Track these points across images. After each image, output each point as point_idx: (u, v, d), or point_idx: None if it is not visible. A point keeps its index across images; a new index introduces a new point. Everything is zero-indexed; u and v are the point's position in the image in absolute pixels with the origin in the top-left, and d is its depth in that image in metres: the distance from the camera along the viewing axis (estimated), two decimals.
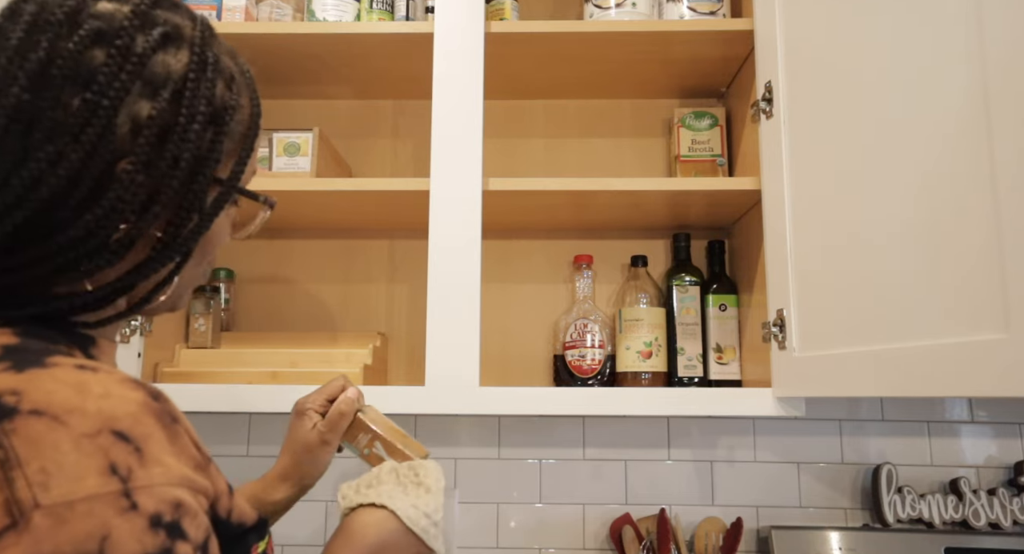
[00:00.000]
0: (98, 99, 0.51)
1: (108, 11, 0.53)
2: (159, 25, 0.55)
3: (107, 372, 0.48)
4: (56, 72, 0.50)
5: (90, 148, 0.51)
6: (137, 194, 0.53)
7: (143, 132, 0.52)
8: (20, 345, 0.50)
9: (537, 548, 1.35)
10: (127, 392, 0.47)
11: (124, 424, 0.45)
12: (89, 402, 0.45)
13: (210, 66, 0.57)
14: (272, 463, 0.91)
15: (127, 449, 0.44)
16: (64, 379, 0.46)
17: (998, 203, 0.70)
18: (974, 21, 0.73)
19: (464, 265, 1.11)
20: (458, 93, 1.16)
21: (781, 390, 1.07)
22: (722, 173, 1.32)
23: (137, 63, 0.52)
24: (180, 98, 0.54)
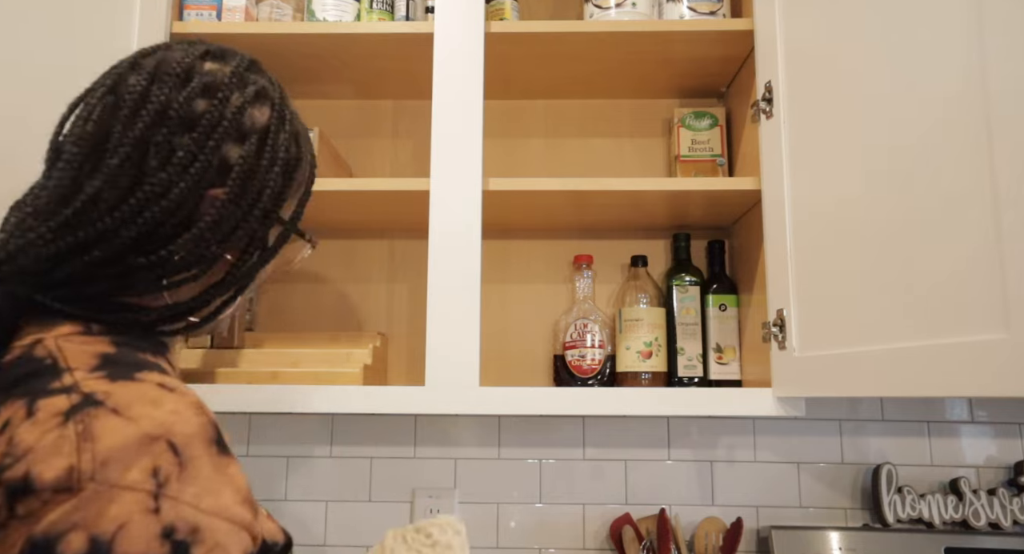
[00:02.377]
0: (204, 140, 0.62)
1: (213, 70, 0.66)
2: (251, 84, 0.67)
3: (183, 394, 0.54)
4: (172, 114, 0.61)
5: (194, 180, 0.61)
6: (225, 222, 0.63)
7: (233, 170, 0.63)
8: (115, 355, 0.57)
9: (537, 548, 1.35)
10: (193, 416, 0.53)
11: (179, 439, 0.51)
12: (159, 413, 0.51)
13: (287, 122, 0.69)
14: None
15: (174, 460, 0.50)
16: (146, 393, 0.53)
17: (998, 203, 0.70)
18: (974, 20, 0.73)
19: (464, 265, 1.11)
20: (458, 93, 1.16)
21: (781, 390, 1.07)
22: (722, 173, 1.32)
23: (235, 113, 0.64)
24: (264, 146, 0.66)
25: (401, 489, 1.37)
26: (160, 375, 0.56)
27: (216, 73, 0.65)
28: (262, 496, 1.37)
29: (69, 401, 0.51)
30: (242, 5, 1.26)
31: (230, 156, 0.64)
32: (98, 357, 0.56)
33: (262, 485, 1.37)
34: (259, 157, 0.65)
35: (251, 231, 0.66)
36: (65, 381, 0.53)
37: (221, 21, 1.25)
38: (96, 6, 1.09)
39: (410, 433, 1.39)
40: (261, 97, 0.67)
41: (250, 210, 0.65)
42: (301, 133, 0.72)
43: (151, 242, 0.61)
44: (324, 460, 1.38)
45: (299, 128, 0.72)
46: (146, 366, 0.57)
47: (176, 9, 1.26)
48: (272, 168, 0.66)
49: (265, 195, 0.66)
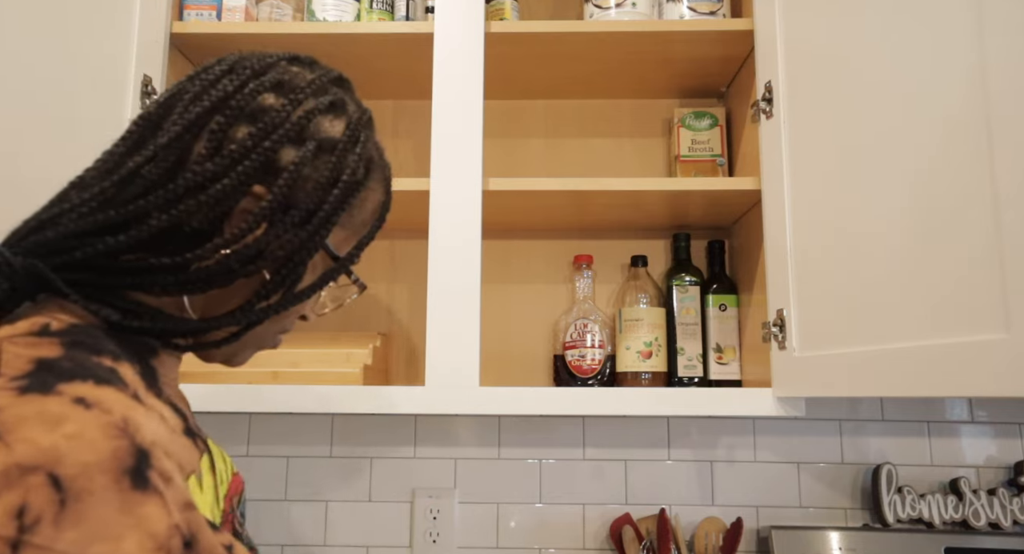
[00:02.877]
0: (261, 138, 0.56)
1: (294, 70, 0.61)
2: (330, 95, 0.61)
3: (104, 411, 0.44)
4: (234, 103, 0.57)
5: (240, 178, 0.56)
6: (263, 232, 0.57)
7: (283, 173, 0.57)
8: (57, 360, 0.48)
9: (537, 548, 1.35)
10: (100, 440, 0.43)
11: (67, 471, 0.41)
12: (49, 437, 0.42)
13: (360, 144, 0.62)
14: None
15: (51, 497, 0.40)
16: (47, 409, 0.43)
17: (998, 203, 0.70)
18: (974, 20, 0.73)
19: (464, 265, 1.11)
20: (458, 93, 1.16)
21: (781, 390, 1.07)
22: (722, 173, 1.32)
23: (303, 117, 0.58)
24: (324, 157, 0.59)
25: (401, 489, 1.37)
26: (93, 386, 0.46)
27: (296, 75, 0.61)
28: (262, 496, 1.37)
29: None
30: (242, 5, 1.26)
31: (283, 158, 0.58)
32: (33, 363, 0.47)
33: (262, 485, 1.37)
34: (316, 168, 0.59)
35: (290, 250, 0.58)
36: None
37: (221, 21, 1.25)
38: (96, 6, 1.09)
39: (410, 433, 1.39)
40: (337, 109, 0.62)
41: (293, 226, 0.58)
42: (377, 164, 0.65)
43: (179, 240, 0.56)
44: (324, 460, 1.38)
45: (376, 158, 0.65)
46: (81, 375, 0.47)
47: (176, 9, 1.26)
48: (330, 187, 0.59)
49: (316, 215, 0.59)
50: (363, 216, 0.64)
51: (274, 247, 0.58)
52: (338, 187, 0.60)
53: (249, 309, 0.59)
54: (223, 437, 1.39)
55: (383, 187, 0.67)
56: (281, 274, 0.59)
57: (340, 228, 0.63)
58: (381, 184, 0.66)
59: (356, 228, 0.65)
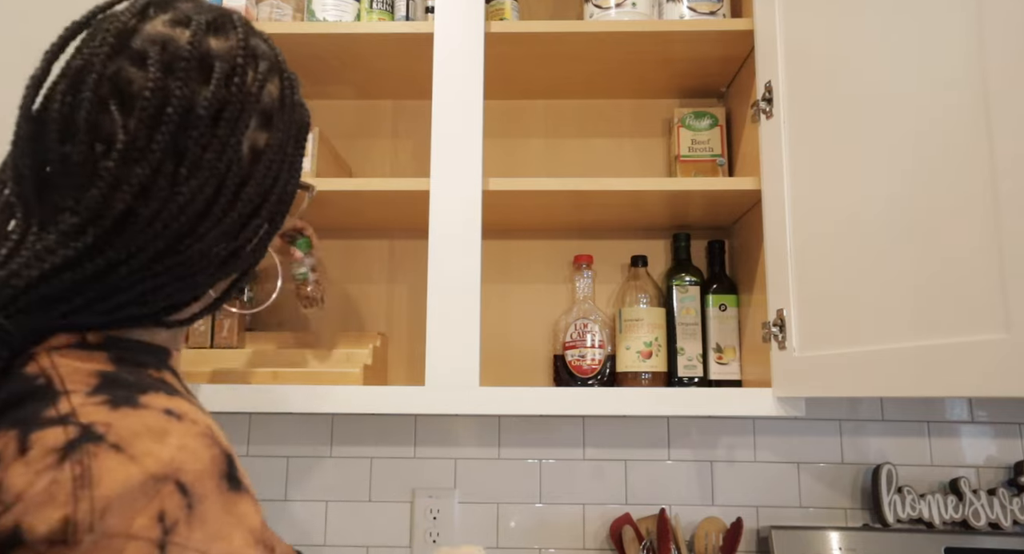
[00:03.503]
0: (228, 135, 0.56)
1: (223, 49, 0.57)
2: (260, 57, 0.60)
3: (192, 422, 0.50)
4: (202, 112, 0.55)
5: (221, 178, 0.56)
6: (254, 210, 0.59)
7: (262, 159, 0.59)
8: (116, 373, 0.51)
9: (537, 548, 1.35)
10: (203, 449, 0.49)
11: (188, 478, 0.47)
12: (165, 449, 0.47)
13: (294, 85, 0.63)
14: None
15: (181, 503, 0.46)
16: (149, 424, 0.48)
17: (998, 203, 0.70)
18: (975, 20, 0.73)
19: (464, 265, 1.11)
20: (458, 93, 1.16)
21: (781, 390, 1.07)
22: (722, 173, 1.32)
23: (255, 98, 0.58)
24: (283, 121, 0.60)
25: (401, 489, 1.37)
26: (167, 398, 0.51)
27: (228, 53, 0.57)
28: (262, 496, 1.37)
29: (66, 435, 0.45)
30: (242, 5, 1.26)
31: (258, 144, 0.59)
32: (97, 376, 0.50)
33: (262, 485, 1.37)
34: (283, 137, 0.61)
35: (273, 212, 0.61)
36: (61, 408, 0.47)
37: None
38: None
39: (410, 433, 1.39)
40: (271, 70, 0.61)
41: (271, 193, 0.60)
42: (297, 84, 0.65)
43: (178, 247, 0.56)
44: (324, 460, 1.38)
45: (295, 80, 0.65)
46: (151, 387, 0.51)
47: None
48: (291, 144, 0.62)
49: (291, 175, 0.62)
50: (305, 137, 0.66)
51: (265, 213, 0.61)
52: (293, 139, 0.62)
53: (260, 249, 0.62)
54: None
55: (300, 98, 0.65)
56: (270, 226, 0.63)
57: None
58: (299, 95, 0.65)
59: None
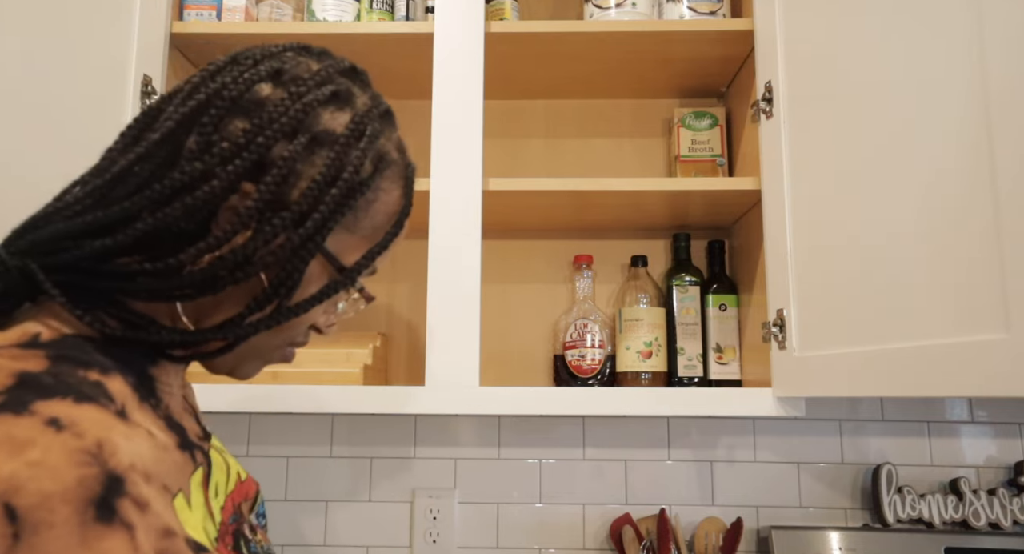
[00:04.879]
0: (255, 134, 0.52)
1: (299, 60, 0.56)
2: (335, 85, 0.56)
3: (75, 435, 0.41)
4: (227, 94, 0.53)
5: (230, 178, 0.52)
6: (251, 233, 0.52)
7: (272, 169, 0.52)
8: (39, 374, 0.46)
9: (537, 548, 1.35)
10: (64, 468, 0.40)
11: (24, 501, 0.38)
12: (9, 463, 0.39)
13: (366, 138, 0.56)
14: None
15: (4, 531, 0.37)
16: (14, 433, 0.41)
17: (998, 203, 0.70)
18: (975, 21, 0.73)
19: (464, 265, 1.11)
20: (458, 93, 1.16)
21: (781, 390, 1.07)
22: (722, 173, 1.32)
23: (301, 110, 0.53)
24: (320, 151, 0.54)
25: (401, 489, 1.37)
26: (72, 404, 0.43)
27: (299, 64, 0.56)
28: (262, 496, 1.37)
29: None
30: (242, 5, 1.26)
31: (274, 151, 0.53)
32: (15, 377, 0.45)
33: (262, 485, 1.37)
34: (312, 164, 0.54)
35: (282, 256, 0.53)
36: None
37: (221, 21, 1.25)
38: (96, 6, 1.09)
39: (410, 433, 1.39)
40: (341, 101, 0.56)
41: (284, 228, 0.53)
42: (392, 161, 0.59)
43: (169, 243, 0.52)
44: (324, 460, 1.38)
45: (391, 155, 0.59)
46: (62, 391, 0.44)
47: (176, 9, 1.26)
48: (328, 186, 0.54)
49: (310, 217, 0.53)
50: (374, 221, 0.58)
51: (263, 252, 0.53)
52: (337, 186, 0.54)
53: (239, 322, 0.54)
54: (223, 437, 1.39)
55: (400, 188, 0.60)
56: (275, 284, 0.54)
57: (346, 233, 0.57)
58: (398, 185, 0.60)
59: (366, 234, 0.58)
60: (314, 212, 0.54)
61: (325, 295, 0.57)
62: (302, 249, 0.54)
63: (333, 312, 0.63)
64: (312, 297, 0.56)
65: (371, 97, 0.59)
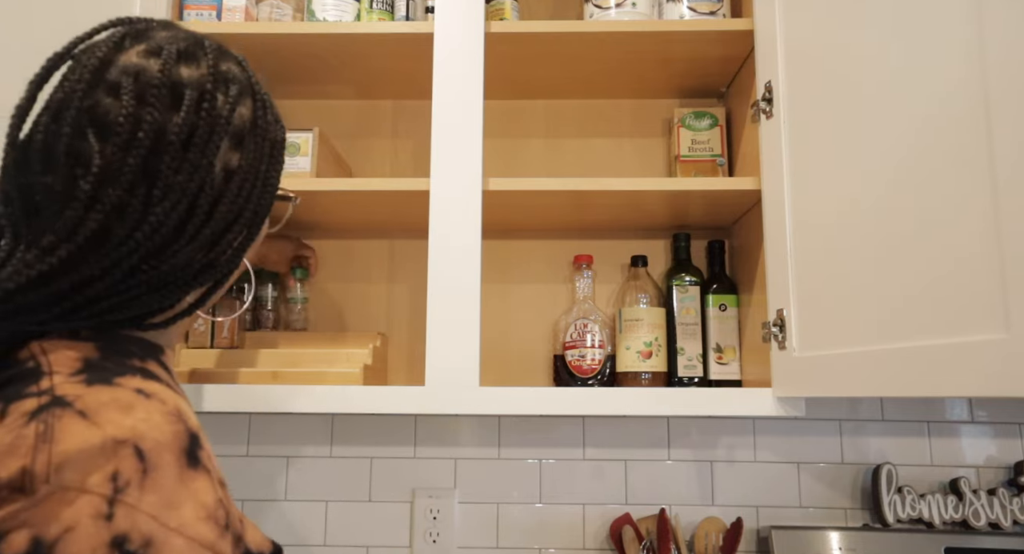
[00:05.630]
0: (199, 158, 0.59)
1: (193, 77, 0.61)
2: (231, 81, 0.63)
3: (161, 401, 0.53)
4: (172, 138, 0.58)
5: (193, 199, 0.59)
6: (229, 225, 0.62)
7: (234, 178, 0.62)
8: (99, 359, 0.56)
9: (537, 548, 1.35)
10: (165, 424, 0.52)
11: (147, 446, 0.49)
12: (128, 419, 0.50)
13: (267, 105, 0.67)
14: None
15: (137, 466, 0.48)
16: (118, 397, 0.52)
17: (998, 203, 0.70)
18: (974, 20, 0.73)
19: (464, 265, 1.11)
20: (458, 93, 1.16)
21: (781, 390, 1.07)
22: (722, 173, 1.32)
23: (225, 121, 0.61)
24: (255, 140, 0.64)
25: (401, 489, 1.37)
26: (143, 380, 0.55)
27: (198, 80, 0.61)
28: (262, 496, 1.37)
29: (38, 402, 0.50)
30: (242, 5, 1.26)
31: (230, 164, 0.62)
32: (81, 361, 0.55)
33: (262, 485, 1.37)
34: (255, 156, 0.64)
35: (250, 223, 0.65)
36: (43, 385, 0.52)
37: (221, 21, 1.25)
38: (96, 6, 1.09)
39: (410, 433, 1.39)
40: (243, 91, 0.64)
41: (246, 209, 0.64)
42: (270, 103, 0.69)
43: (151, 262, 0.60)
44: (324, 460, 1.38)
45: (268, 100, 0.68)
46: (129, 371, 0.56)
47: (176, 9, 1.26)
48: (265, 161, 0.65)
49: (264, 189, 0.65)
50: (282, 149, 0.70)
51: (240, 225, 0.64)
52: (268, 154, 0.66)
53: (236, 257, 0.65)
54: (223, 437, 1.39)
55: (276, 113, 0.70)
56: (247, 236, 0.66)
57: None
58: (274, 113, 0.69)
59: None
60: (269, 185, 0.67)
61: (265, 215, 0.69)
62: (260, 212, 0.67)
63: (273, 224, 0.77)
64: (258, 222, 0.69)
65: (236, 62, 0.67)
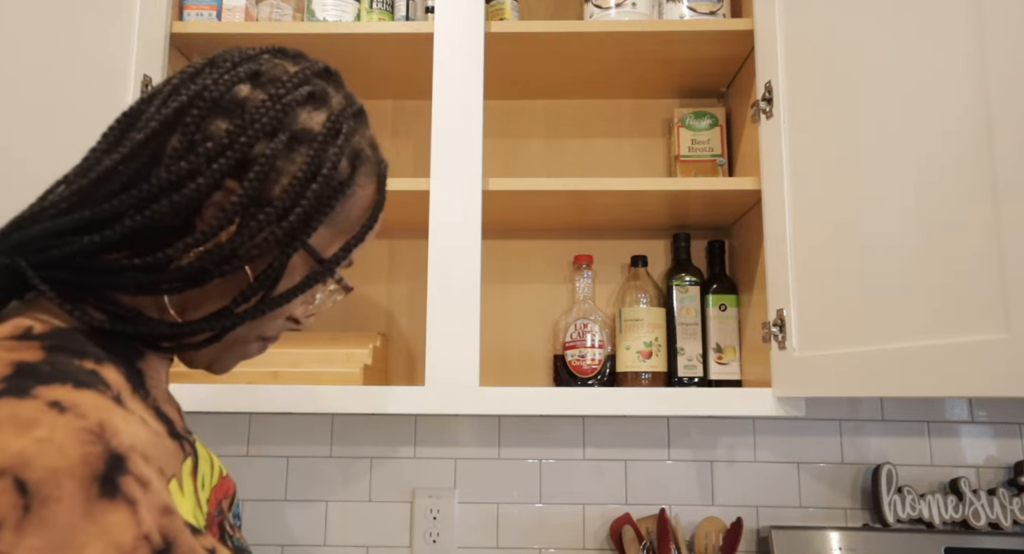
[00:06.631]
0: (238, 133, 0.55)
1: (276, 62, 0.59)
2: (311, 85, 0.59)
3: (78, 416, 0.43)
4: (208, 95, 0.55)
5: (215, 176, 0.54)
6: (236, 228, 0.55)
7: (254, 166, 0.55)
8: (37, 364, 0.47)
9: (537, 548, 1.35)
10: (70, 445, 0.41)
11: (34, 476, 0.40)
12: (18, 441, 0.41)
13: (342, 136, 0.59)
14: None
15: (16, 502, 0.39)
16: (18, 413, 0.42)
17: (998, 203, 0.70)
18: (975, 20, 0.73)
19: (464, 265, 1.11)
20: (458, 93, 1.16)
21: (781, 390, 1.07)
22: (722, 173, 1.32)
23: (280, 110, 0.56)
24: (299, 149, 0.57)
25: (401, 489, 1.37)
26: (72, 389, 0.45)
27: (276, 66, 0.59)
28: (262, 496, 1.37)
29: None
30: (242, 5, 1.26)
31: (256, 150, 0.55)
32: (12, 366, 0.46)
33: (262, 485, 1.37)
34: (292, 161, 0.56)
35: (266, 249, 0.56)
36: None
37: (221, 21, 1.25)
38: (96, 6, 1.09)
39: (410, 433, 1.39)
40: (317, 100, 0.59)
41: (268, 223, 0.56)
42: (366, 158, 0.62)
43: (156, 238, 0.54)
44: (324, 460, 1.38)
45: (365, 152, 0.61)
46: (60, 378, 0.46)
47: (176, 9, 1.26)
48: (308, 181, 0.56)
49: (293, 211, 0.56)
50: (351, 215, 0.61)
51: (248, 246, 0.55)
52: (317, 182, 0.57)
53: (227, 313, 0.57)
54: (223, 437, 1.39)
55: (374, 184, 0.63)
56: (260, 276, 0.57)
57: (324, 227, 0.60)
58: (372, 180, 0.63)
59: (343, 228, 0.61)
60: (296, 207, 0.56)
61: (307, 285, 0.60)
62: (286, 242, 0.57)
63: (311, 303, 0.65)
64: (295, 287, 0.59)
65: (345, 97, 0.62)
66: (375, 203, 0.64)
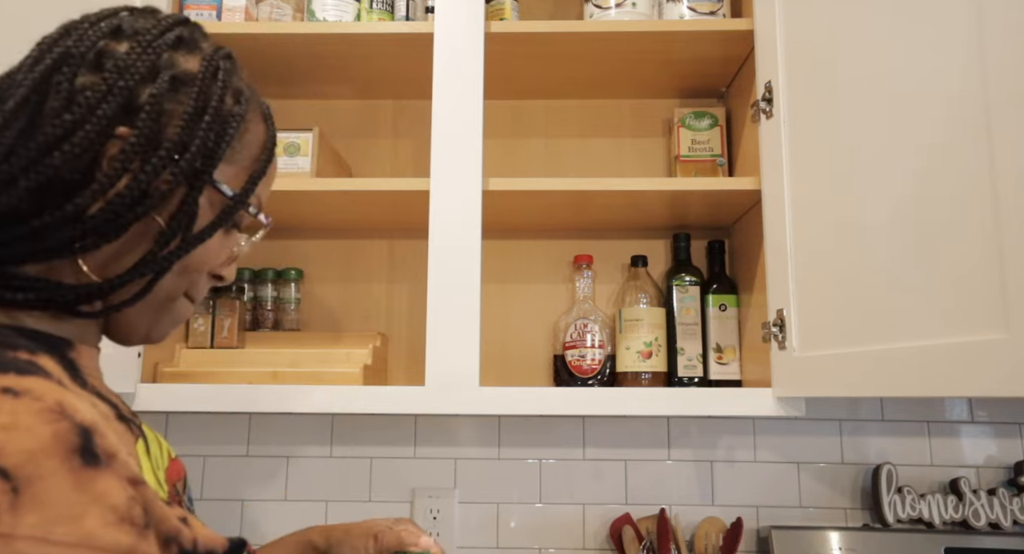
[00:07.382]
0: (114, 79, 0.55)
1: (135, 16, 0.60)
2: (175, 32, 0.60)
3: (33, 399, 0.43)
4: (75, 52, 0.55)
5: (102, 123, 0.54)
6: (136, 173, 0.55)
7: (142, 110, 0.55)
8: None
9: (537, 548, 1.35)
10: (37, 426, 0.42)
11: (11, 460, 0.40)
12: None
13: (222, 73, 0.60)
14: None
15: (2, 488, 0.40)
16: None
17: (998, 203, 0.70)
18: (974, 20, 0.73)
19: (464, 265, 1.11)
20: (458, 93, 1.16)
21: (781, 390, 1.07)
22: (722, 173, 1.32)
23: (151, 54, 0.57)
24: (183, 89, 0.58)
25: (401, 489, 1.37)
26: (16, 377, 0.44)
27: (137, 20, 0.60)
28: (262, 496, 1.37)
29: None
30: (242, 5, 1.26)
31: (139, 94, 0.56)
32: None
33: (262, 485, 1.37)
34: (179, 101, 0.57)
35: (173, 186, 0.56)
36: None
37: (221, 21, 1.25)
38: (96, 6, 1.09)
39: (410, 433, 1.39)
40: (187, 45, 0.60)
41: (169, 161, 0.56)
42: (249, 97, 0.63)
43: (53, 196, 0.53)
44: (324, 460, 1.38)
45: (247, 92, 0.63)
46: (5, 368, 0.45)
47: (176, 9, 1.26)
48: (198, 118, 0.58)
49: (189, 148, 0.57)
50: (249, 151, 0.63)
51: (154, 186, 0.56)
52: (208, 115, 0.58)
53: (152, 257, 0.57)
54: (223, 437, 1.39)
55: (262, 120, 0.65)
56: (175, 215, 0.57)
57: (226, 165, 0.61)
58: (260, 118, 0.65)
59: (244, 164, 0.62)
60: (191, 144, 0.57)
61: (224, 219, 0.61)
62: (192, 181, 0.58)
63: (234, 246, 0.66)
64: (212, 222, 0.60)
65: (211, 43, 0.64)
66: (268, 137, 0.65)
